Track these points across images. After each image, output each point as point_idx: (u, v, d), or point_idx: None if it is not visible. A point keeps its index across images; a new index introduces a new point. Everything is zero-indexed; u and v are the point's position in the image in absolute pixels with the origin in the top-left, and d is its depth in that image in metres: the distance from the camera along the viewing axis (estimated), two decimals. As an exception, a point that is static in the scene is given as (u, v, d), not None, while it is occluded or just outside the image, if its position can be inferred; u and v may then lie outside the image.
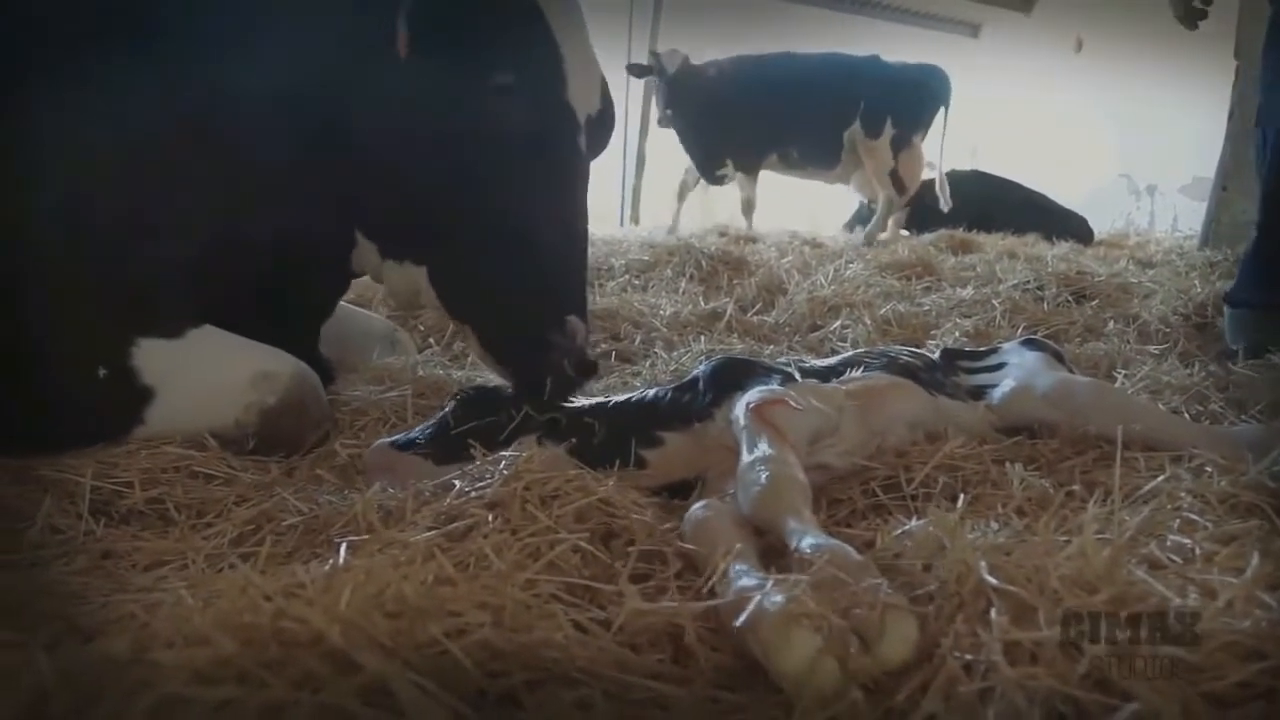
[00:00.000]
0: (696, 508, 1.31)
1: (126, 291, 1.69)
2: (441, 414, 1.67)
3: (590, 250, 2.24)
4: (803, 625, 0.92)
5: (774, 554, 1.19)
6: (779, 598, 0.96)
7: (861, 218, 8.42)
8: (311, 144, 1.85)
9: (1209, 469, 1.46)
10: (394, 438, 1.65)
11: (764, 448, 1.34)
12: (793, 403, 1.48)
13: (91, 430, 1.62)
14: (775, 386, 1.55)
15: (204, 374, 1.71)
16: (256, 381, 1.73)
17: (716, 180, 8.00)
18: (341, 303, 2.35)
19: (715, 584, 1.09)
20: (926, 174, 7.91)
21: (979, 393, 1.80)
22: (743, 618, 0.97)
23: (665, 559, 1.25)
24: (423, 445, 1.59)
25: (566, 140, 1.90)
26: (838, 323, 3.11)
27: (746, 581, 1.05)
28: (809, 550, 1.08)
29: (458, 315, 1.96)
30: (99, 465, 1.54)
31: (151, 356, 1.67)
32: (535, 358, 1.80)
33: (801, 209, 9.96)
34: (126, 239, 1.71)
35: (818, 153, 8.02)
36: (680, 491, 1.53)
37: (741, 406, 1.47)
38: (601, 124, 2.02)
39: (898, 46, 11.98)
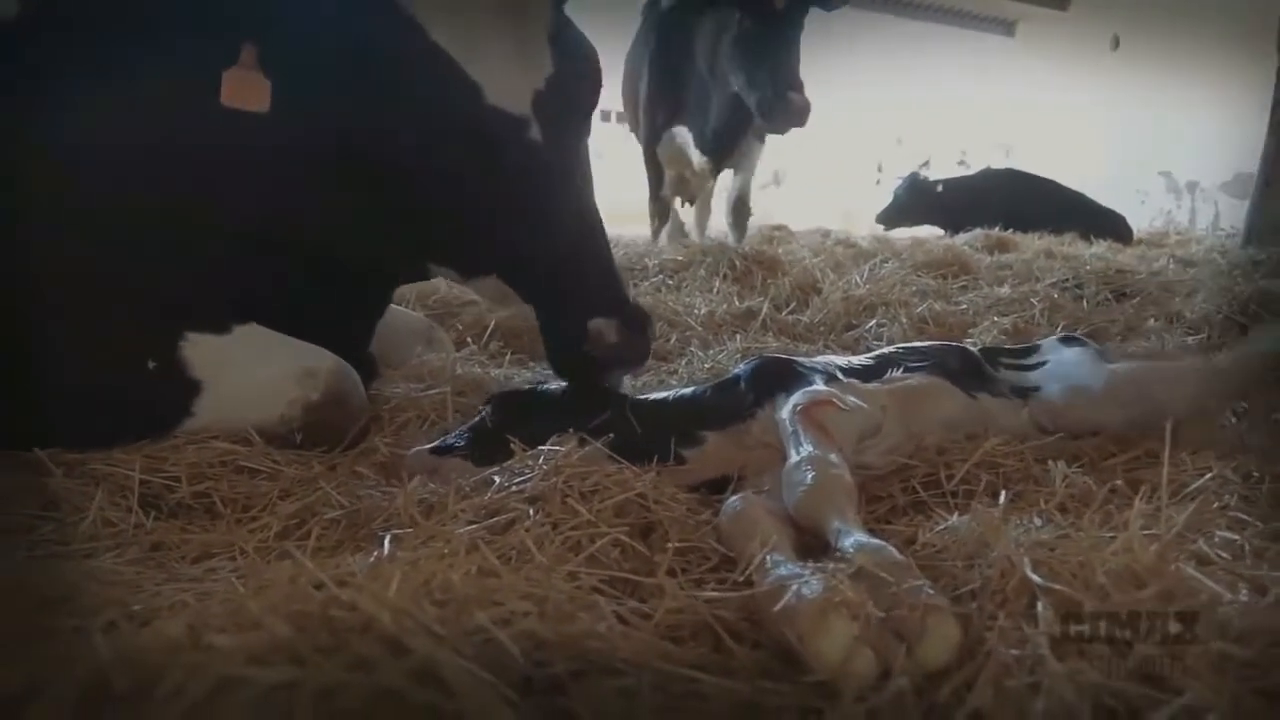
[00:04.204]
0: (733, 500, 1.32)
1: (175, 286, 1.73)
2: (477, 419, 1.69)
3: (622, 250, 2.21)
4: (841, 613, 0.92)
5: (812, 552, 1.19)
6: (817, 586, 0.97)
7: (895, 209, 8.31)
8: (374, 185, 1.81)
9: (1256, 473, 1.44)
10: (431, 444, 1.66)
11: (810, 448, 1.34)
12: (840, 404, 1.48)
13: (143, 422, 1.66)
14: (821, 387, 1.55)
15: (251, 368, 1.74)
16: (301, 377, 1.76)
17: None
18: None
19: (753, 574, 1.10)
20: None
21: (1024, 392, 1.77)
22: (780, 605, 0.98)
23: (703, 553, 1.26)
24: (461, 450, 1.60)
25: (497, 146, 1.71)
26: (873, 322, 3.09)
27: (784, 571, 1.06)
28: (851, 549, 1.08)
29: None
30: (148, 460, 1.57)
31: (200, 350, 1.70)
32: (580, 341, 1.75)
33: (835, 207, 9.88)
34: (175, 235, 1.74)
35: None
36: (716, 486, 1.54)
37: (789, 407, 1.47)
38: (562, 88, 1.76)
39: (932, 46, 11.91)
